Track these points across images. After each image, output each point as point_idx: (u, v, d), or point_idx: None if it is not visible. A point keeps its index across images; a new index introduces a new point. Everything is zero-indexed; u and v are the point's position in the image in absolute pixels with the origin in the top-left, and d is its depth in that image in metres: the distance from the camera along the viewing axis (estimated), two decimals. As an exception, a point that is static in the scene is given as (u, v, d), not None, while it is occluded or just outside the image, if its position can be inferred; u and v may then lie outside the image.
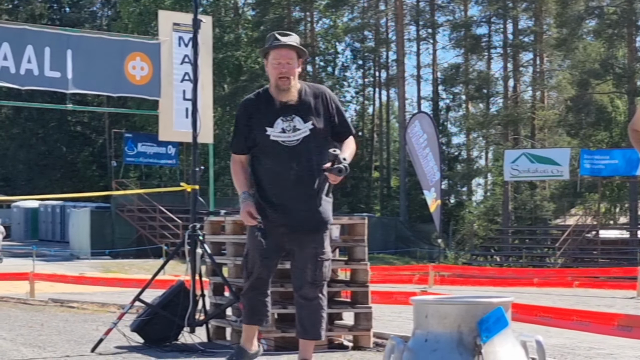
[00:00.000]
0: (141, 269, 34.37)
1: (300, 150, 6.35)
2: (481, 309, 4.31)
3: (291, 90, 6.38)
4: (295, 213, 6.37)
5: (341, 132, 6.53)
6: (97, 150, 71.32)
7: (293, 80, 6.39)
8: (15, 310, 14.23)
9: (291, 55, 6.38)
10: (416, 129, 37.82)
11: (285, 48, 6.37)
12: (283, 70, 6.34)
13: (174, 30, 18.30)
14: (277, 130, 6.38)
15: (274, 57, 6.37)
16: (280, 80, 6.37)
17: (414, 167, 39.14)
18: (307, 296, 6.45)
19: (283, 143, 6.36)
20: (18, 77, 16.91)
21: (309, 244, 6.43)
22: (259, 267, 6.49)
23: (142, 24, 57.57)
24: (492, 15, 56.49)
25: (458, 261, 45.32)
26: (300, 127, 6.38)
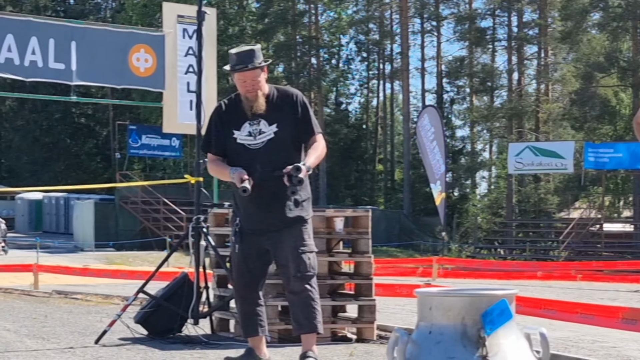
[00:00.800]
0: (145, 261, 34.39)
1: (264, 152, 6.48)
2: (485, 302, 4.30)
3: (259, 100, 6.54)
4: (262, 214, 6.47)
5: (305, 132, 6.59)
6: (101, 142, 71.34)
7: (260, 91, 6.57)
8: (19, 302, 14.25)
9: (255, 74, 6.56)
10: (425, 122, 37.88)
11: (248, 70, 6.55)
12: (249, 88, 6.54)
13: (179, 23, 18.31)
14: (243, 133, 6.56)
15: (239, 78, 6.60)
16: (248, 94, 6.56)
17: (423, 160, 39.19)
18: (294, 290, 6.46)
19: (248, 146, 6.53)
20: (22, 68, 16.92)
21: (287, 239, 6.47)
22: (239, 274, 6.58)
23: (147, 15, 57.52)
24: (497, 8, 56.43)
25: (462, 254, 45.31)
26: (265, 130, 6.53)
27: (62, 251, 40.02)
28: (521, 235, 48.46)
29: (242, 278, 6.57)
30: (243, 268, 6.54)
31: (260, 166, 6.41)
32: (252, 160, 6.44)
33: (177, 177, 43.25)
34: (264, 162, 6.42)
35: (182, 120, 18.22)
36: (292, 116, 6.56)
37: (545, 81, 55.07)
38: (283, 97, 6.63)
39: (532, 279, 22.73)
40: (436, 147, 36.37)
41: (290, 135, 6.53)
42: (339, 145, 61.06)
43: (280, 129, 6.50)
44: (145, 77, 18.22)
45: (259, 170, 6.39)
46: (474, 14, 57.33)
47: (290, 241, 6.46)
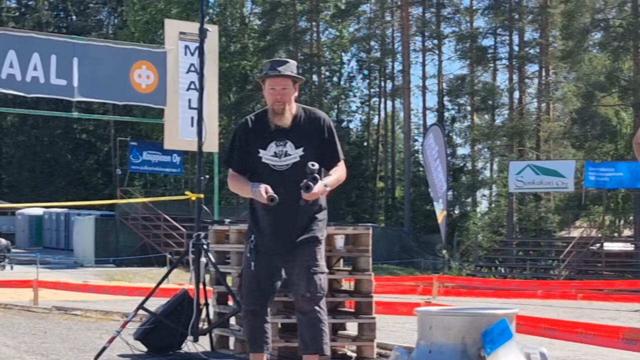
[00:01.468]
0: (145, 277, 34.36)
1: (289, 175, 6.46)
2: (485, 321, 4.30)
3: (286, 114, 6.51)
4: (279, 236, 6.48)
5: (329, 157, 6.61)
6: (102, 158, 71.37)
7: (288, 105, 6.53)
8: (19, 318, 14.22)
9: (286, 83, 6.53)
10: (430, 140, 38.01)
11: (280, 77, 6.52)
12: (278, 97, 6.50)
13: (180, 39, 18.32)
14: (269, 153, 6.53)
15: (270, 85, 6.54)
16: (275, 104, 6.51)
17: (427, 178, 39.28)
18: (303, 310, 6.45)
19: (273, 167, 6.51)
20: (24, 84, 16.93)
21: (300, 257, 6.46)
22: (250, 291, 6.57)
23: (149, 32, 57.69)
24: (498, 27, 56.54)
25: (462, 272, 45.25)
26: (291, 153, 6.52)
27: (62, 267, 40.00)
28: (522, 254, 48.40)
29: (253, 294, 6.55)
30: (254, 285, 6.52)
31: (284, 189, 6.39)
32: (275, 182, 6.42)
33: (177, 193, 43.28)
34: (287, 185, 6.41)
35: (183, 137, 18.21)
36: (318, 140, 6.56)
37: (546, 100, 55.12)
38: (311, 120, 6.62)
39: (533, 298, 22.71)
40: (439, 166, 36.45)
41: (315, 160, 6.48)
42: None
43: (306, 153, 6.48)
44: (147, 93, 18.23)
45: (282, 193, 6.37)
46: (475, 32, 57.43)
47: (302, 260, 6.46)
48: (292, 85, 6.57)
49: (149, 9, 59.89)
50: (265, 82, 6.58)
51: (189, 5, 56.30)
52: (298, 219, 6.47)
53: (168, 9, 57.27)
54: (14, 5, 76.44)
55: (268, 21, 60.13)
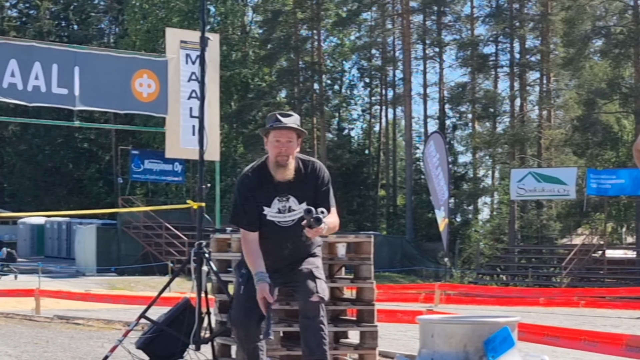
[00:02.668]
0: (147, 286, 34.35)
1: (295, 230, 6.52)
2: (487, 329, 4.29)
3: (289, 167, 6.54)
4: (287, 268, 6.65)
5: (321, 205, 6.56)
6: (103, 167, 71.36)
7: (291, 158, 6.55)
8: (21, 327, 14.22)
9: (291, 135, 6.55)
10: (431, 148, 38.00)
11: (285, 129, 6.53)
12: (282, 150, 6.49)
13: (182, 48, 18.36)
14: (273, 210, 6.59)
15: (274, 136, 6.53)
16: (279, 157, 6.51)
17: (428, 186, 39.25)
18: (309, 315, 6.46)
19: (278, 223, 6.59)
20: (25, 93, 16.95)
21: (305, 266, 6.63)
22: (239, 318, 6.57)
23: (150, 41, 57.73)
24: (499, 34, 56.58)
25: (464, 280, 45.22)
26: (295, 208, 6.59)
27: (64, 276, 39.96)
28: (523, 262, 48.38)
29: (246, 318, 6.54)
30: (248, 307, 6.53)
31: (291, 244, 6.57)
32: (282, 237, 6.55)
33: (179, 202, 43.29)
34: (294, 240, 6.56)
35: (184, 146, 18.24)
36: (315, 189, 6.63)
37: (548, 107, 55.14)
38: (310, 172, 6.66)
39: (535, 306, 22.69)
40: (440, 174, 36.44)
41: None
42: (341, 170, 61.09)
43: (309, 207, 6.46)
44: (148, 102, 18.26)
45: (289, 248, 6.56)
46: (476, 40, 57.46)
47: (305, 267, 6.60)
48: (296, 139, 6.58)
49: (150, 17, 59.98)
50: (270, 134, 6.56)
51: (189, 14, 56.36)
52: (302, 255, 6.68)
53: (169, 17, 57.35)
54: (15, 14, 76.50)
55: (269, 29, 60.18)
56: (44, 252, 56.37)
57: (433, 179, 37.26)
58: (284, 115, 6.65)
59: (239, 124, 59.57)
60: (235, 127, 59.89)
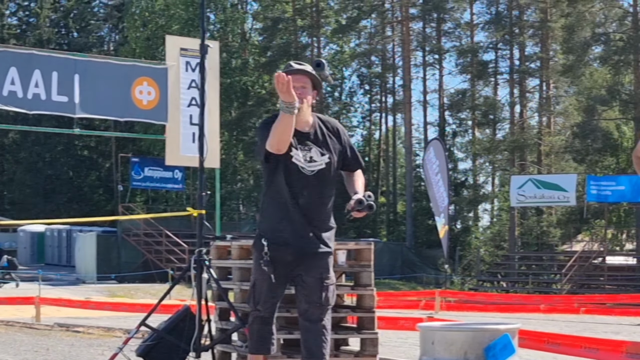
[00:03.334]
0: (147, 293, 34.33)
1: (314, 181, 6.48)
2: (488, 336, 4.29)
3: (303, 113, 6.42)
4: (299, 239, 6.46)
5: (353, 165, 6.71)
6: (103, 175, 71.39)
7: (306, 103, 6.45)
8: (21, 335, 14.21)
9: (305, 80, 6.49)
10: (431, 155, 37.93)
11: (299, 74, 6.48)
12: (297, 93, 6.27)
13: (181, 55, 18.37)
14: (299, 154, 6.47)
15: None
16: None
17: (428, 193, 39.21)
18: (312, 318, 6.46)
19: (301, 169, 6.47)
20: (25, 101, 16.96)
21: (315, 269, 6.49)
22: (266, 299, 6.55)
23: (150, 48, 57.78)
24: (499, 41, 56.62)
25: (464, 287, 45.21)
26: (317, 159, 6.51)
27: (64, 283, 39.95)
28: (524, 268, 48.35)
29: (267, 303, 6.56)
30: (269, 295, 6.54)
31: (308, 192, 6.46)
32: (301, 184, 6.45)
33: (179, 209, 43.24)
34: (310, 190, 6.47)
35: (184, 153, 18.24)
36: (339, 147, 6.62)
37: (547, 114, 55.16)
38: (329, 127, 6.65)
39: (535, 312, 22.68)
40: (440, 180, 36.40)
41: (336, 168, 6.61)
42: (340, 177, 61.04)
43: (331, 161, 6.54)
44: (148, 109, 18.27)
45: (305, 196, 6.45)
46: (476, 47, 57.49)
47: (317, 272, 6.51)
48: (310, 86, 6.54)
49: (149, 25, 60.04)
50: None
51: (189, 22, 56.40)
52: (318, 221, 6.54)
53: (169, 25, 57.37)
54: (15, 22, 76.61)
55: (269, 37, 60.25)
56: (44, 259, 56.33)
57: (433, 185, 37.23)
58: (298, 63, 6.65)
59: (239, 131, 59.58)
60: (236, 134, 59.89)
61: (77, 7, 74.90)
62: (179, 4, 58.56)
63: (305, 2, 60.40)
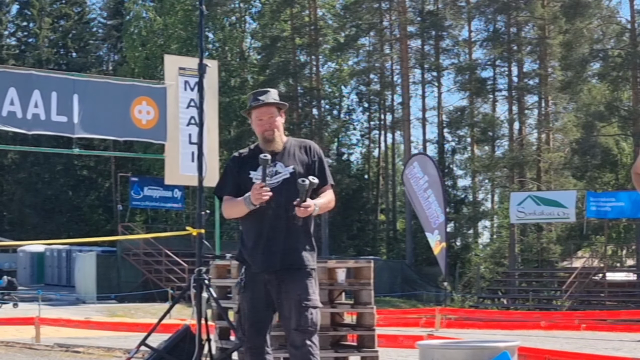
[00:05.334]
0: (147, 312, 34.28)
1: (280, 191, 6.55)
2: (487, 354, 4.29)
3: (276, 139, 6.70)
4: (273, 252, 6.52)
5: (319, 180, 6.67)
6: (103, 194, 71.39)
7: (277, 131, 6.72)
8: (21, 355, 14.19)
9: (272, 111, 6.73)
10: (415, 170, 37.47)
11: (264, 106, 6.71)
12: (267, 126, 6.69)
13: (180, 75, 18.41)
14: (259, 173, 6.59)
15: (256, 115, 6.75)
16: (266, 133, 6.70)
17: (414, 209, 38.94)
18: (294, 343, 6.46)
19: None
20: (25, 121, 16.99)
21: (293, 290, 6.50)
22: (251, 325, 6.58)
23: (149, 68, 57.88)
24: (497, 58, 56.69)
25: (465, 304, 45.14)
26: (281, 171, 6.64)
27: (64, 303, 39.89)
28: (524, 285, 48.29)
29: (252, 329, 6.56)
30: (253, 318, 6.54)
31: (275, 204, 6.50)
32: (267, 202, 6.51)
33: (179, 228, 43.27)
34: (278, 201, 6.51)
35: (184, 172, 18.26)
36: (307, 162, 6.70)
37: (546, 130, 55.18)
38: (300, 145, 6.82)
39: (536, 329, 22.65)
40: (432, 196, 36.02)
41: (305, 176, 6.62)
42: (340, 195, 61.02)
43: (296, 171, 6.62)
44: (147, 129, 18.29)
45: (273, 208, 6.51)
46: (474, 64, 57.57)
47: (294, 293, 6.48)
48: (277, 112, 6.75)
49: (148, 44, 60.15)
50: (252, 114, 6.77)
51: (188, 41, 56.53)
52: (288, 234, 6.54)
53: (168, 44, 57.50)
54: (14, 42, 76.74)
55: (267, 55, 60.31)
56: (43, 279, 56.29)
57: (422, 202, 36.80)
58: (261, 93, 6.83)
59: (238, 149, 59.51)
60: (235, 153, 59.88)
61: (76, 27, 75.07)
62: (177, 24, 58.74)
63: (304, 20, 60.52)
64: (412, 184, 37.28)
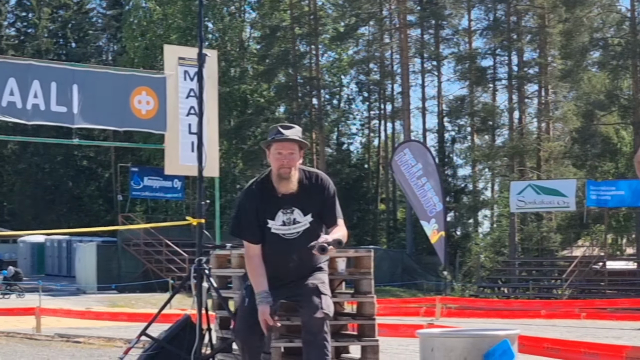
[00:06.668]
0: (147, 303, 34.31)
1: (300, 242, 6.52)
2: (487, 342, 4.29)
3: (291, 180, 6.52)
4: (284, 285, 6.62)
5: (328, 218, 6.66)
6: (103, 185, 71.37)
7: (294, 170, 6.54)
8: (22, 346, 14.20)
9: (293, 148, 6.53)
10: (406, 157, 37.02)
11: (287, 141, 6.53)
12: (284, 162, 6.49)
13: (180, 65, 18.38)
14: (278, 223, 6.55)
15: (276, 149, 6.52)
16: (282, 169, 6.50)
17: (406, 196, 38.73)
18: (313, 330, 6.45)
19: (283, 236, 6.56)
20: (24, 112, 16.97)
21: (309, 283, 6.58)
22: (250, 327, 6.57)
23: (148, 58, 57.81)
24: (497, 47, 56.63)
25: (465, 293, 45.16)
26: (300, 220, 6.57)
27: (64, 294, 39.92)
28: (524, 274, 48.32)
29: (249, 331, 6.56)
30: (251, 321, 6.54)
31: (296, 257, 6.53)
32: (287, 250, 6.54)
33: (179, 218, 43.24)
34: (299, 254, 6.52)
35: (183, 162, 18.25)
36: (320, 200, 6.62)
37: (546, 120, 55.16)
38: (315, 184, 6.65)
39: (536, 318, 22.67)
40: (427, 184, 35.70)
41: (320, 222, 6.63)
42: (340, 185, 61.05)
43: (314, 219, 6.56)
44: (147, 119, 18.28)
45: (295, 261, 6.53)
46: (474, 53, 57.51)
47: (310, 283, 6.55)
48: (298, 150, 6.56)
49: (148, 34, 60.07)
50: (271, 146, 6.55)
51: (188, 31, 56.45)
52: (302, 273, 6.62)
53: (167, 34, 57.42)
54: (14, 33, 76.65)
55: (267, 45, 60.25)
56: (44, 270, 56.33)
57: (415, 190, 36.48)
58: (286, 127, 6.64)
59: (238, 139, 59.56)
60: (235, 143, 59.86)
61: (75, 17, 74.98)
62: (177, 14, 58.65)
63: (303, 10, 60.44)
64: (403, 171, 36.81)
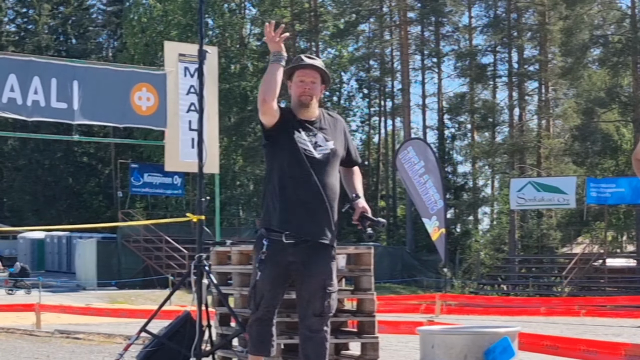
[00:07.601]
0: (147, 299, 34.33)
1: (322, 164, 6.39)
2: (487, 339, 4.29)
3: (312, 107, 6.45)
4: (312, 221, 6.40)
5: (353, 160, 6.69)
6: (103, 181, 71.38)
7: (315, 99, 6.47)
8: (22, 342, 14.21)
9: (315, 76, 6.48)
10: (409, 155, 37.14)
11: (310, 68, 6.48)
12: (306, 88, 6.41)
13: (180, 61, 18.36)
14: (303, 136, 6.42)
15: (298, 76, 6.48)
16: (303, 96, 6.43)
17: (409, 194, 38.77)
18: (312, 328, 6.42)
19: (306, 152, 6.39)
20: (25, 108, 16.95)
21: (318, 274, 6.42)
22: (267, 299, 6.48)
23: (148, 54, 57.82)
24: (497, 44, 56.63)
25: (465, 290, 45.18)
26: (322, 145, 6.43)
27: (64, 290, 39.94)
28: (524, 271, 48.32)
29: (265, 302, 6.49)
30: (268, 295, 6.47)
31: (319, 180, 6.35)
32: (308, 168, 6.35)
33: (179, 215, 43.25)
34: (320, 175, 6.37)
35: (184, 159, 18.23)
36: (343, 140, 6.59)
37: (547, 117, 55.15)
38: (335, 120, 6.63)
39: (536, 315, 22.69)
40: (429, 181, 35.73)
41: (341, 156, 6.55)
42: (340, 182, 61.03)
43: (336, 147, 6.48)
44: (147, 115, 18.26)
45: (317, 186, 6.35)
46: (475, 50, 57.53)
47: (320, 278, 6.42)
48: (320, 81, 6.51)
49: (148, 31, 60.07)
50: (294, 74, 6.52)
51: (188, 27, 56.44)
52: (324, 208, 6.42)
53: (167, 31, 57.41)
54: (14, 29, 76.63)
55: (267, 42, 60.17)
56: (44, 266, 56.32)
57: (417, 187, 36.55)
58: (309, 57, 6.63)
59: (238, 136, 59.55)
60: (235, 139, 59.85)
61: (76, 13, 74.96)
62: (177, 10, 58.63)
63: (304, 6, 60.42)
64: (407, 169, 36.90)
